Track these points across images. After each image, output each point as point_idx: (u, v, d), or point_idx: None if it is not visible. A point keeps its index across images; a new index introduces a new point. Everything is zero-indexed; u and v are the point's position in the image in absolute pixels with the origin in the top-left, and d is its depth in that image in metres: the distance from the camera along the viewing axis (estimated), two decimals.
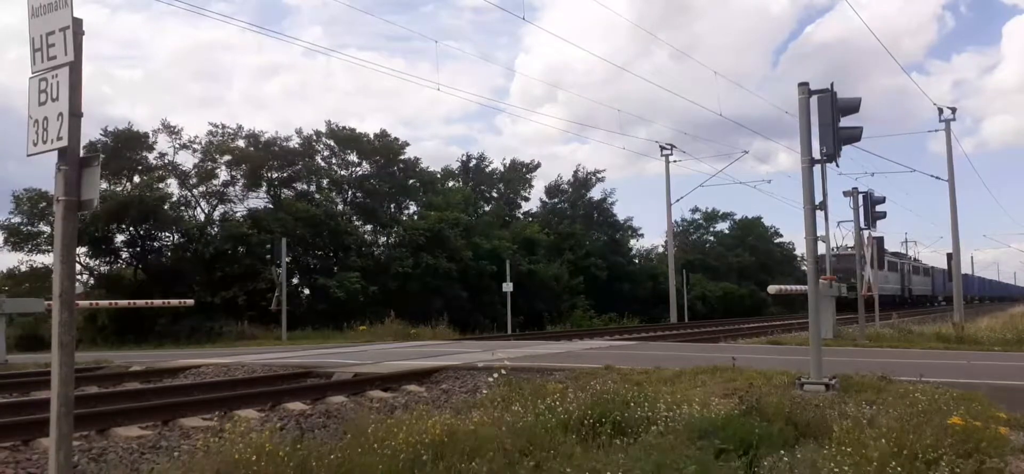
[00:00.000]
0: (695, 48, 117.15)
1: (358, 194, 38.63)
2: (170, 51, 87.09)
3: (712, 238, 66.76)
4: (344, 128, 38.61)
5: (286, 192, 36.17)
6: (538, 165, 50.36)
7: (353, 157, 39.06)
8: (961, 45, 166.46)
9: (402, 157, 39.95)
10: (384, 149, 39.10)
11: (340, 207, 37.69)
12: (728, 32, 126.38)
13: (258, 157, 34.80)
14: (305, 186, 37.20)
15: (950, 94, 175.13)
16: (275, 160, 35.88)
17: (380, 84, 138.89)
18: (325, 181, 37.84)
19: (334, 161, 38.89)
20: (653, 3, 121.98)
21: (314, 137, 37.91)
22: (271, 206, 35.09)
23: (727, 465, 4.89)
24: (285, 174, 36.43)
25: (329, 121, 39.62)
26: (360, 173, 39.22)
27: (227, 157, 34.29)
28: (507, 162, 49.44)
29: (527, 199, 50.65)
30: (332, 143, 38.44)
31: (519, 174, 48.63)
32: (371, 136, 39.15)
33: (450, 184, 45.06)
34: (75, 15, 4.26)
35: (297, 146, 37.08)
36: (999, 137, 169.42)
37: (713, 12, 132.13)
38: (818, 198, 9.38)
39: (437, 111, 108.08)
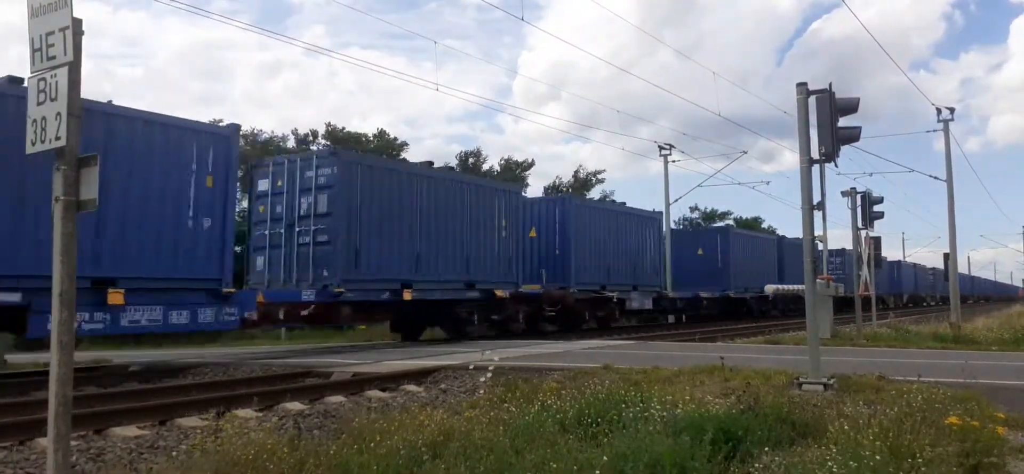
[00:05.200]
0: (701, 46, 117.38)
1: None
2: (172, 49, 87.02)
3: None
4: (342, 128, 38.71)
5: None
6: (532, 163, 50.40)
7: None
8: (968, 43, 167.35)
9: (401, 157, 40.00)
10: (383, 149, 39.15)
11: None
12: (734, 30, 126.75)
13: (254, 156, 34.84)
14: None
15: (957, 92, 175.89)
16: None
17: (383, 82, 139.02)
18: None
19: None
20: (659, 1, 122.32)
21: (310, 137, 37.99)
22: None
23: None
24: None
25: (328, 123, 39.67)
26: None
27: None
28: (503, 160, 49.47)
29: None
30: (328, 143, 38.49)
31: (515, 173, 48.58)
32: (370, 136, 39.28)
33: None
34: (75, 15, 4.27)
35: (293, 147, 37.14)
36: (1005, 135, 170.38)
37: (719, 10, 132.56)
38: (816, 198, 9.40)
39: (439, 110, 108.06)
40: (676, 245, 35.07)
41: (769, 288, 38.15)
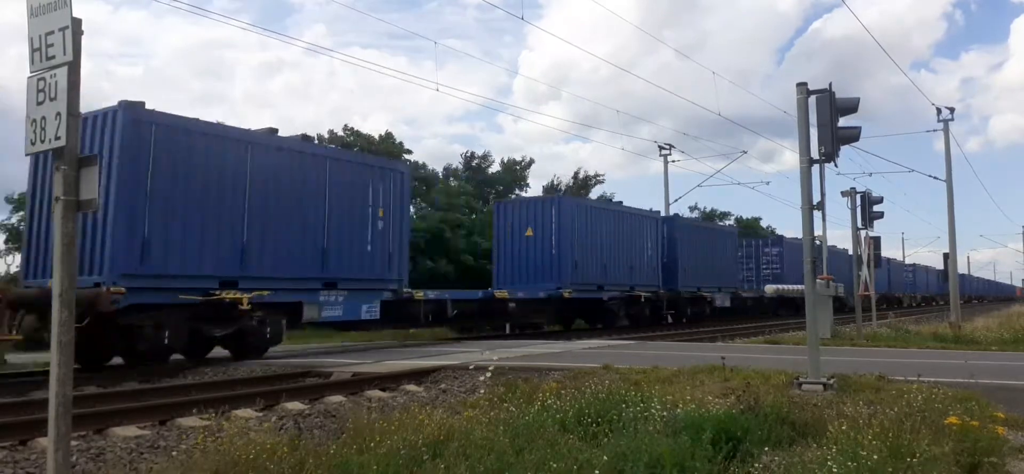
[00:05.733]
0: (701, 46, 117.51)
1: None
2: (172, 48, 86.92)
3: None
4: (349, 130, 38.98)
5: None
6: (532, 162, 50.40)
7: None
8: (969, 42, 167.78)
9: (405, 159, 40.26)
10: (387, 152, 39.35)
11: None
12: (735, 29, 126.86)
13: None
14: None
15: (958, 91, 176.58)
16: None
17: (383, 82, 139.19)
18: None
19: None
20: (659, 0, 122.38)
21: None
22: None
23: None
24: None
25: (331, 130, 39.77)
26: None
27: None
28: (504, 160, 49.34)
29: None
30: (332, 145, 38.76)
31: (515, 173, 48.55)
32: (376, 138, 39.55)
33: (453, 182, 44.94)
34: (74, 15, 4.27)
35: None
36: (1006, 135, 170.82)
37: (720, 9, 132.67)
38: (816, 198, 9.40)
39: (439, 109, 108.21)
40: (502, 221, 24.92)
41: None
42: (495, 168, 47.49)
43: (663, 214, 29.66)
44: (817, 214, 9.65)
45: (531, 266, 23.74)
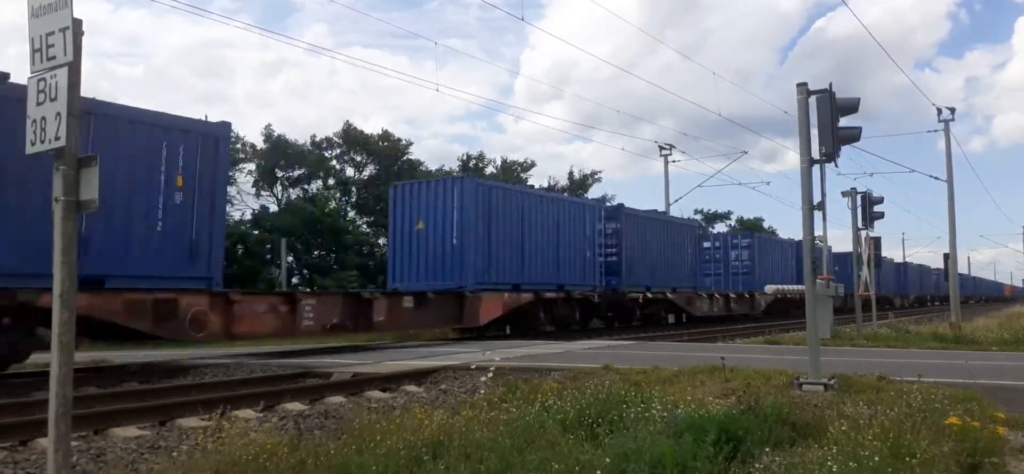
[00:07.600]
0: (703, 46, 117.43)
1: (363, 194, 39.33)
2: (172, 48, 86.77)
3: None
4: (354, 129, 39.38)
5: (294, 192, 37.19)
6: (533, 164, 50.31)
7: (358, 157, 39.98)
8: (973, 41, 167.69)
9: (406, 157, 40.42)
10: (388, 149, 39.57)
11: (333, 204, 38.37)
12: (736, 29, 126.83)
13: (264, 156, 35.91)
14: (306, 187, 38.14)
15: (962, 90, 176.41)
16: (283, 160, 36.98)
17: (384, 82, 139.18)
18: (331, 181, 38.72)
19: (334, 164, 39.60)
20: (661, 0, 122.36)
21: (320, 140, 38.89)
22: (271, 207, 35.65)
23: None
24: (294, 174, 37.47)
25: (344, 131, 40.10)
26: (366, 174, 40.14)
27: None
28: (500, 162, 49.22)
29: None
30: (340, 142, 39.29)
31: (514, 174, 48.40)
32: (377, 136, 39.81)
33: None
34: (75, 15, 4.27)
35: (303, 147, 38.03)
36: (1008, 135, 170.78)
37: (722, 9, 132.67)
38: (816, 198, 9.38)
39: (440, 109, 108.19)
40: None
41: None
42: (490, 170, 47.45)
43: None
44: (818, 214, 9.62)
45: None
